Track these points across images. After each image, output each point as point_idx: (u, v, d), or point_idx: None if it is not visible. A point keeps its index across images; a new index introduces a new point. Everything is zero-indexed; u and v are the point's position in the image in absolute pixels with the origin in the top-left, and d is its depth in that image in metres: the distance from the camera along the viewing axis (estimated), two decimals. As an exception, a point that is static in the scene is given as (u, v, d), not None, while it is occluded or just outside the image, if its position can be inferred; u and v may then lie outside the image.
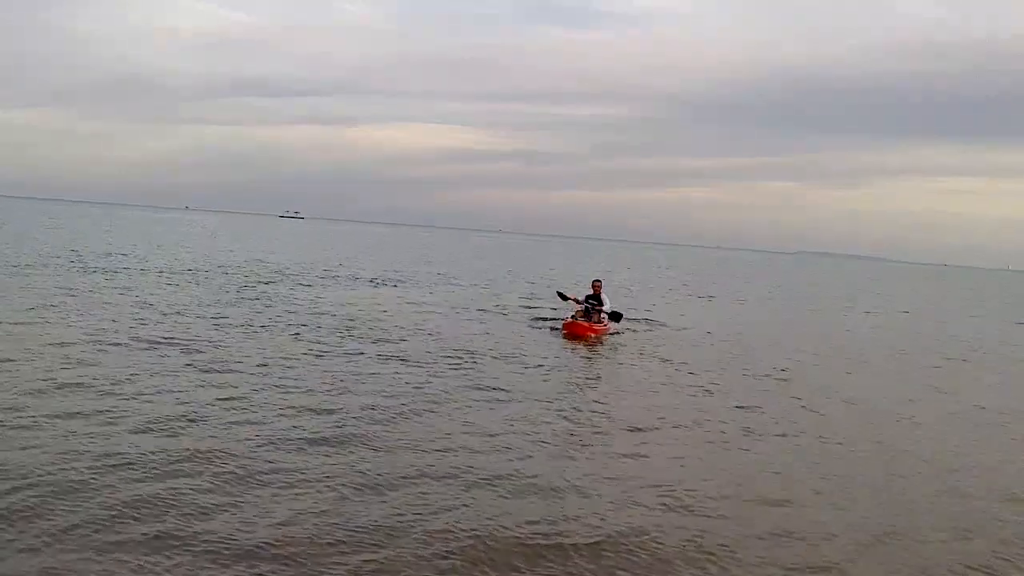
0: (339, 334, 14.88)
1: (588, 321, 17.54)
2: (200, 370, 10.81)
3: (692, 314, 25.43)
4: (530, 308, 22.37)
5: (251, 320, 15.97)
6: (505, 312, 21.18)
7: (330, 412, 9.05)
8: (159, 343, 12.49)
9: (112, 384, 9.59)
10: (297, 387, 10.21)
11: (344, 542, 5.75)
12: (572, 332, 16.99)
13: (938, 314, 36.47)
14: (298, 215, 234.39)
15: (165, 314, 15.78)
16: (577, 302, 18.24)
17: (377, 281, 29.25)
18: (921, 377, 15.84)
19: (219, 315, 16.34)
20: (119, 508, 5.98)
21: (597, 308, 17.97)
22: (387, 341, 14.45)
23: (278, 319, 16.40)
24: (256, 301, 19.46)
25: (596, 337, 17.09)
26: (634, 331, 19.03)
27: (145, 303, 17.26)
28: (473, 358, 13.32)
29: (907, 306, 39.61)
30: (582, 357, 14.96)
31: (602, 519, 6.49)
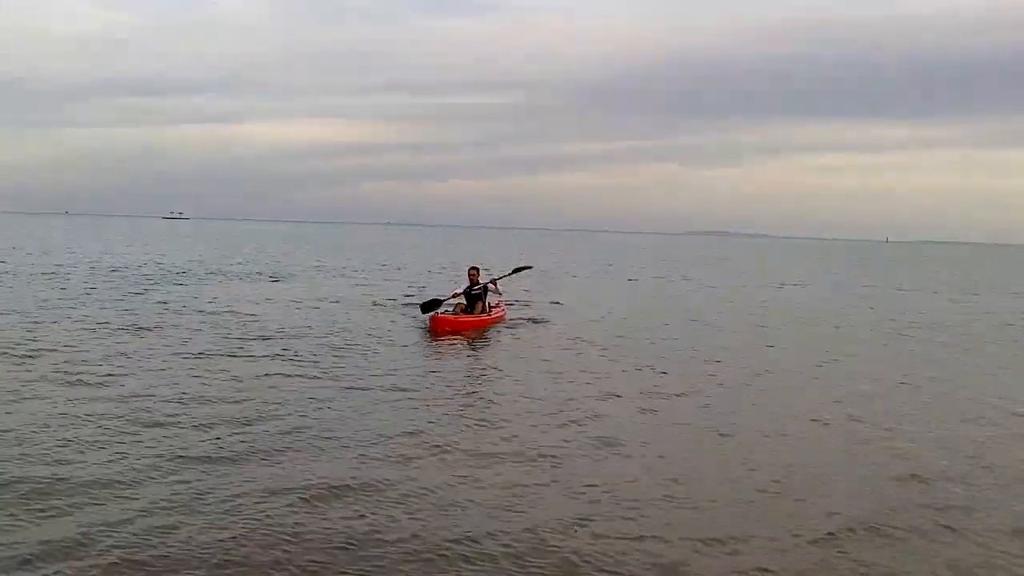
0: (211, 333, 14.05)
1: (471, 313, 16.13)
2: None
3: (589, 298, 24.78)
4: (407, 304, 20.41)
5: (115, 320, 15.11)
6: (383, 306, 19.90)
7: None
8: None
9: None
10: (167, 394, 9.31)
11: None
12: (437, 327, 15.08)
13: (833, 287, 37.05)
14: (182, 216, 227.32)
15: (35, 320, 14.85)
16: (454, 295, 16.61)
17: (256, 277, 28.53)
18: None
19: (87, 316, 15.55)
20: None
21: (475, 293, 16.43)
22: (247, 339, 13.50)
23: (153, 318, 15.75)
24: (126, 300, 18.77)
25: (477, 330, 15.51)
26: (526, 318, 17.95)
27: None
28: (332, 352, 12.56)
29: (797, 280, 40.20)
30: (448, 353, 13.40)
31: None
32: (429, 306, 16.32)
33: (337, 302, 20.43)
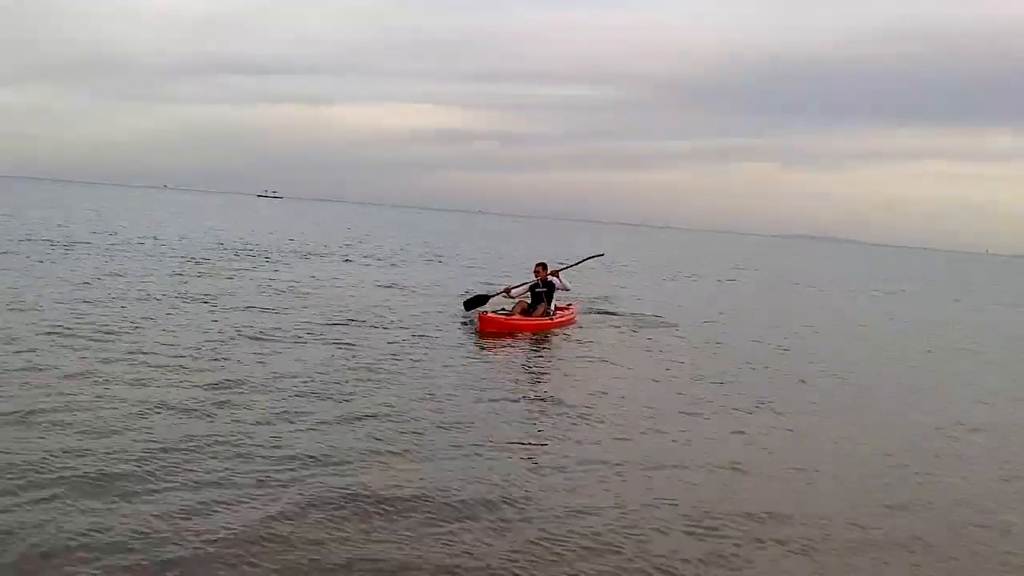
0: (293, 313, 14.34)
1: (531, 314, 14.60)
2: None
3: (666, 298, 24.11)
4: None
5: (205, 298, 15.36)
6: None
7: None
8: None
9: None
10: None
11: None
12: (484, 327, 13.78)
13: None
14: (276, 195, 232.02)
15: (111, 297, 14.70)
16: (508, 292, 15.08)
17: (352, 259, 29.21)
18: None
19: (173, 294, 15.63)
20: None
21: (540, 292, 14.90)
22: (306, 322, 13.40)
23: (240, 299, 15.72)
24: (223, 280, 18.81)
25: (534, 333, 14.06)
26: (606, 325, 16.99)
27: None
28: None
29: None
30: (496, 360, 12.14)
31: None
32: (474, 303, 15.21)
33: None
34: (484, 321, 13.88)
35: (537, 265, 15.39)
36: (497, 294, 15.45)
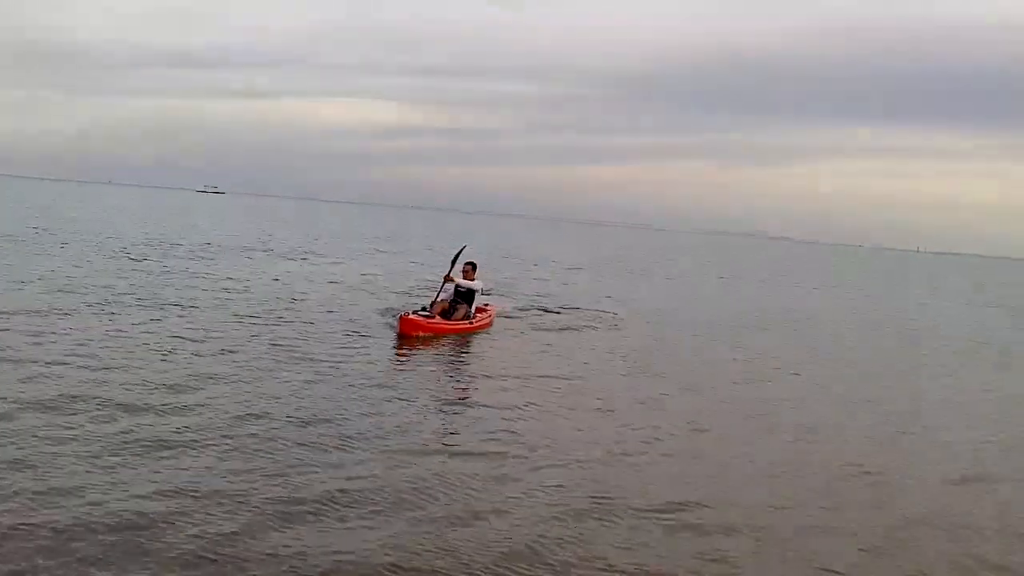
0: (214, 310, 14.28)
1: (451, 317, 14.25)
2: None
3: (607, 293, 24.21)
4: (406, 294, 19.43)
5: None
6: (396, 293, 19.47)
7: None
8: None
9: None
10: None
11: None
12: (406, 329, 13.26)
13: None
14: (217, 190, 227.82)
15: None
16: (445, 279, 14.68)
17: (291, 256, 28.88)
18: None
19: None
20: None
21: (463, 291, 14.63)
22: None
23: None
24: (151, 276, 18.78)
25: (451, 336, 13.76)
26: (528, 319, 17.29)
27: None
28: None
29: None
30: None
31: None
32: (455, 260, 14.88)
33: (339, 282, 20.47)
34: (405, 323, 13.31)
35: (466, 265, 15.05)
36: (449, 273, 14.74)
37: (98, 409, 7.70)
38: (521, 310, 18.11)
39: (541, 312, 18.37)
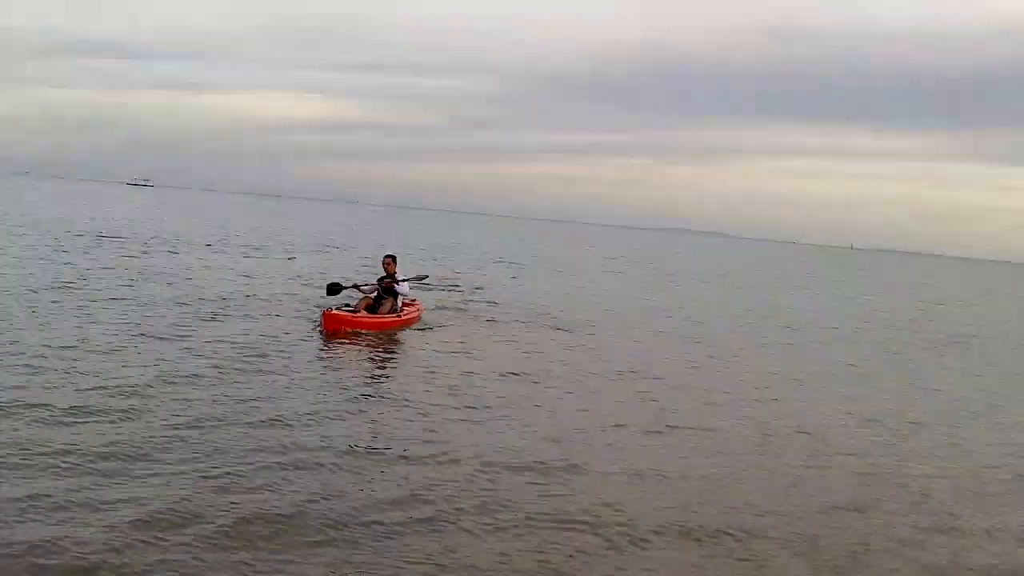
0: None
1: (377, 311, 13.97)
2: None
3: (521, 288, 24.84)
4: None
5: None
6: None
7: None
8: None
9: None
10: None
11: None
12: (331, 326, 12.93)
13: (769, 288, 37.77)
14: (148, 183, 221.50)
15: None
16: (358, 288, 14.74)
17: (217, 249, 29.04)
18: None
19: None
20: None
21: (388, 286, 14.30)
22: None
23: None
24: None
25: (381, 331, 13.49)
26: (452, 309, 17.84)
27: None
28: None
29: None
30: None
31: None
32: (333, 289, 14.73)
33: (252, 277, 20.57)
34: (329, 319, 12.97)
35: (386, 257, 14.76)
36: (350, 286, 14.92)
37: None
38: (448, 308, 18.20)
39: (465, 304, 18.86)
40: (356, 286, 14.94)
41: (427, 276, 16.75)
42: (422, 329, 14.75)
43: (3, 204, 49.01)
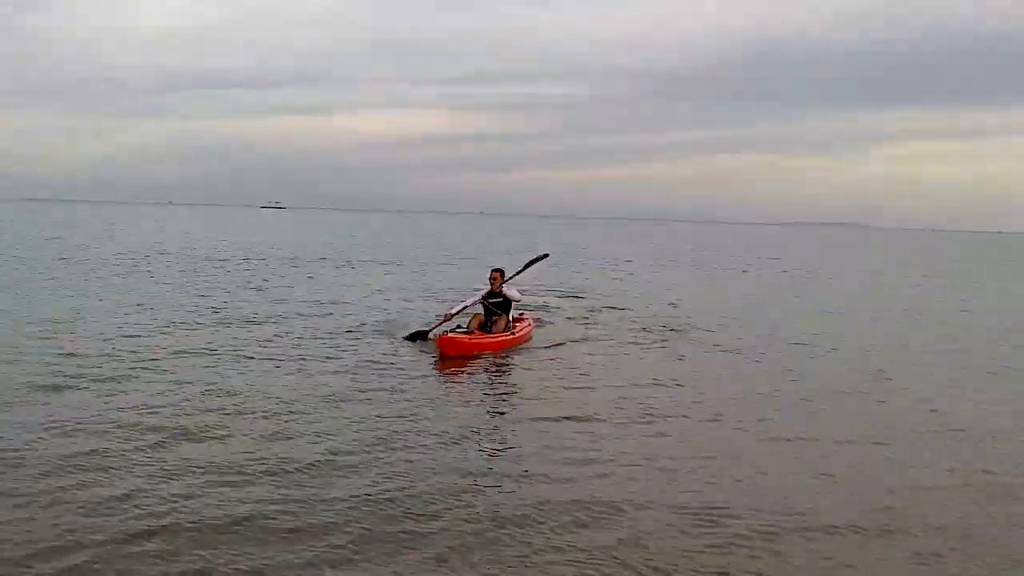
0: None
1: (490, 330, 12.75)
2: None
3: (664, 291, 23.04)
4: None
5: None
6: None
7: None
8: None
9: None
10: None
11: None
12: (447, 350, 11.64)
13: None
14: (279, 205, 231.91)
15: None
16: (449, 318, 13.05)
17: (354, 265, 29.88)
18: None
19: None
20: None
21: (496, 303, 13.05)
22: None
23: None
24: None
25: (495, 353, 12.10)
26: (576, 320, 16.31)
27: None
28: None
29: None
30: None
31: None
32: (417, 336, 13.02)
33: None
34: (446, 344, 11.70)
35: (494, 272, 13.44)
36: (437, 325, 13.12)
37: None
38: (574, 317, 16.87)
39: (590, 314, 17.34)
40: (448, 316, 13.16)
41: (546, 255, 15.45)
42: (549, 346, 13.09)
43: (153, 233, 52.18)
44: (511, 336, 12.74)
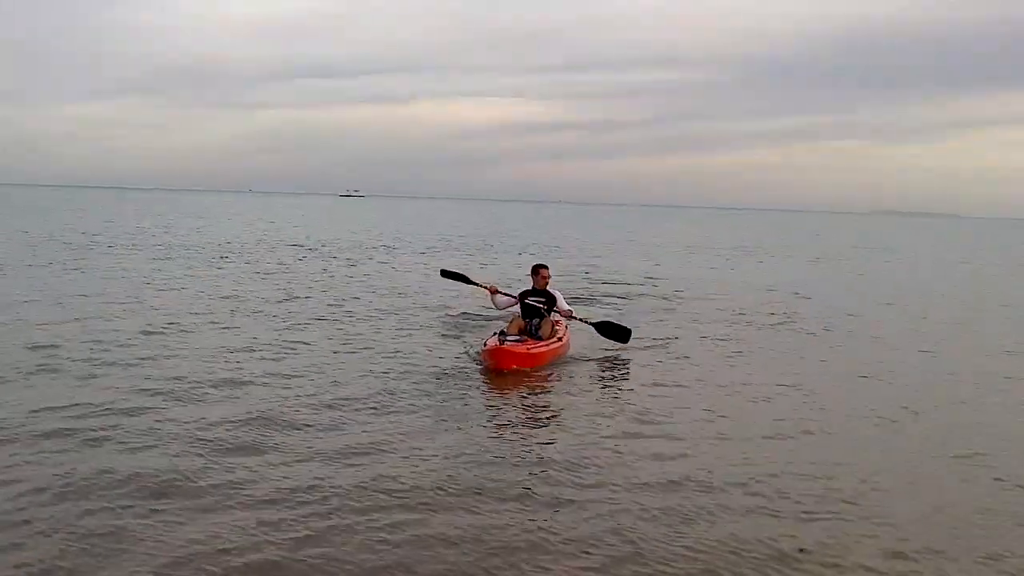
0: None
1: (536, 335, 10.62)
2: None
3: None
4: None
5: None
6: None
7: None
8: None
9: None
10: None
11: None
12: (499, 362, 9.76)
13: None
14: (358, 194, 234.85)
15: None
16: (492, 292, 11.41)
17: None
18: None
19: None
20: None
21: (542, 307, 11.03)
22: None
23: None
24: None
25: (550, 363, 10.27)
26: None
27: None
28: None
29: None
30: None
31: None
32: (452, 276, 12.60)
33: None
34: (501, 355, 9.77)
35: (541, 268, 11.41)
36: (479, 285, 11.92)
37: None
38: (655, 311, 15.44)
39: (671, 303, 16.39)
40: (492, 290, 11.50)
41: (627, 333, 11.52)
42: (621, 357, 11.11)
43: (233, 221, 52.93)
44: (559, 343, 10.68)
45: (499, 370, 9.71)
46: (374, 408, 7.83)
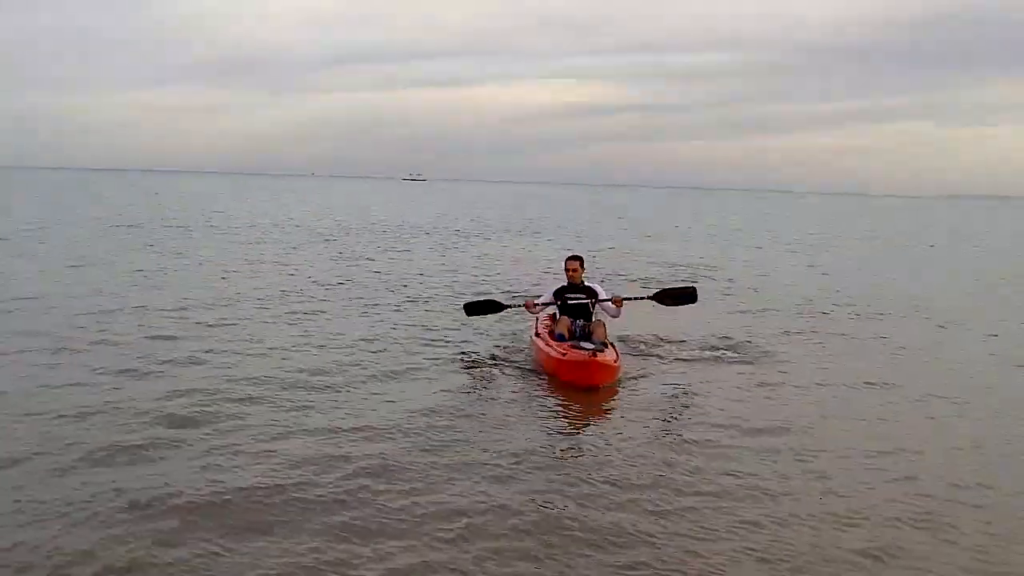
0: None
1: (588, 336, 9.24)
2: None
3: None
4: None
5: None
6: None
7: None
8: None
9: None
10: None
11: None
12: (592, 377, 8.40)
13: None
14: (420, 177, 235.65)
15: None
16: (530, 308, 9.90)
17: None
18: None
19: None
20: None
21: (577, 301, 9.69)
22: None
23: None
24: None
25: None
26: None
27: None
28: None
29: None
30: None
31: None
32: (481, 308, 10.52)
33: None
34: (595, 369, 8.41)
35: (574, 261, 9.93)
36: (516, 307, 10.49)
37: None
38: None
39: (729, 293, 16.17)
40: (529, 306, 10.04)
41: (692, 293, 10.48)
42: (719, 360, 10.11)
43: (305, 204, 54.65)
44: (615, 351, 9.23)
45: (592, 386, 8.36)
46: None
